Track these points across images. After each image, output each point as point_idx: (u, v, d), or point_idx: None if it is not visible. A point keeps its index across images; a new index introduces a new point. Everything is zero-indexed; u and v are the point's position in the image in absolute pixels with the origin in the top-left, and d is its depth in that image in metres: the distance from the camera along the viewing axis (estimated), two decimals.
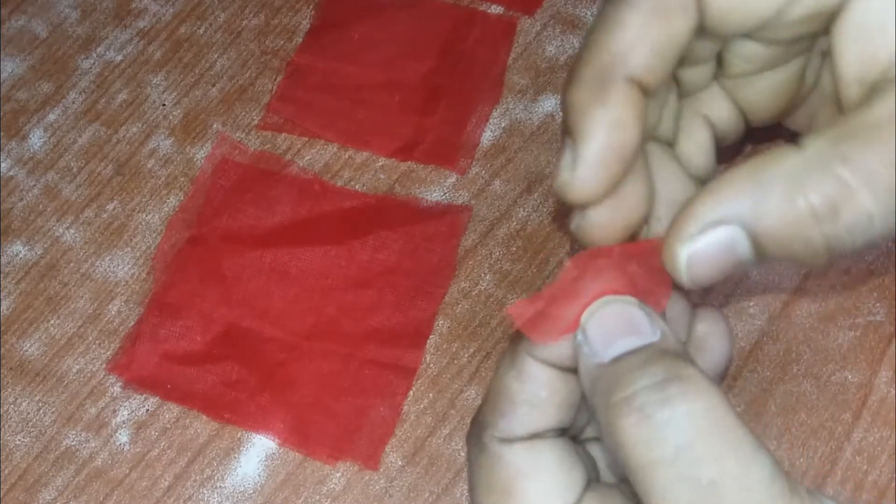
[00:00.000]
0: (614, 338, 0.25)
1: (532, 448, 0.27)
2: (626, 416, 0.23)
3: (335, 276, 0.39)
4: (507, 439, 0.27)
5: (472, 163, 0.41)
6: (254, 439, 0.37)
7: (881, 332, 0.37)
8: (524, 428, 0.27)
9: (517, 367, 0.27)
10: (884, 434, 0.35)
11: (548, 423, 0.27)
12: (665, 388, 0.23)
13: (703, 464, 0.23)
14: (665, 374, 0.24)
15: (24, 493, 0.36)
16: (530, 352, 0.27)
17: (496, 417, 0.27)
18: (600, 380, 0.25)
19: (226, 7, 0.46)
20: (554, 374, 0.27)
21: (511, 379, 0.27)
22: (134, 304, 0.39)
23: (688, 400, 0.23)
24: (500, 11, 0.44)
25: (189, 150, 0.42)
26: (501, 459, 0.26)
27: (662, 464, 0.23)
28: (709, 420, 0.23)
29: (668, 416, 0.23)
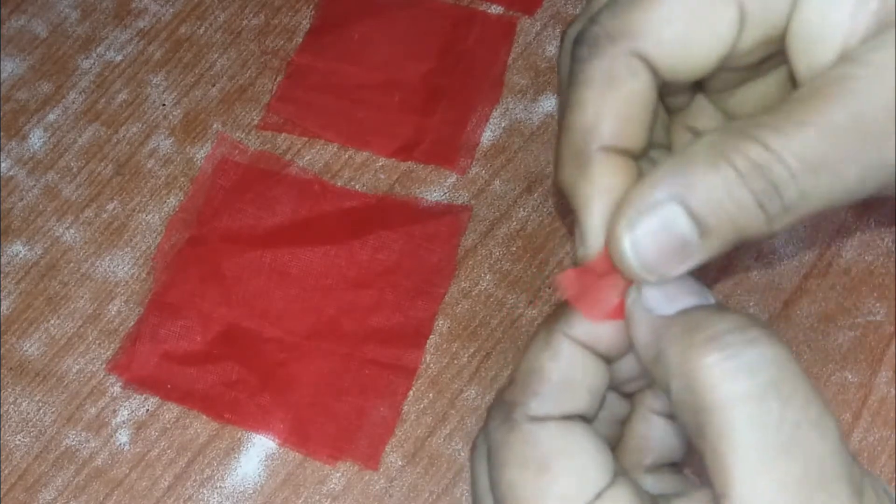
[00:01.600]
0: (674, 298, 0.25)
1: (567, 427, 0.26)
2: (711, 354, 0.23)
3: (335, 276, 0.39)
4: (540, 418, 0.27)
5: (472, 163, 0.41)
6: (254, 439, 0.37)
7: (881, 332, 0.37)
8: (557, 408, 0.27)
9: (553, 347, 0.27)
10: (884, 434, 0.35)
11: (578, 406, 0.27)
12: (749, 331, 0.24)
13: (790, 403, 0.23)
14: (746, 321, 0.24)
15: (24, 493, 0.36)
16: (567, 332, 0.27)
17: (528, 396, 0.27)
18: (671, 327, 0.25)
19: (226, 7, 0.46)
20: (588, 357, 0.27)
21: (546, 358, 0.27)
22: (134, 304, 0.39)
23: (771, 344, 0.24)
24: (500, 11, 0.44)
25: (189, 150, 0.42)
26: (536, 437, 0.26)
27: (748, 400, 0.23)
28: (791, 367, 0.23)
29: (757, 354, 0.23)
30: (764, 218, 0.25)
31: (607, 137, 0.27)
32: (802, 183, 0.24)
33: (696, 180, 0.24)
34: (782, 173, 0.24)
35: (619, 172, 0.27)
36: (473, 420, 0.37)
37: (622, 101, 0.27)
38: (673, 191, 0.25)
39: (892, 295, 0.37)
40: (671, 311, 0.25)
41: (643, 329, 0.26)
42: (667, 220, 0.25)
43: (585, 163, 0.27)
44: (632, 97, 0.27)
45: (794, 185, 0.24)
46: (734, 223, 0.25)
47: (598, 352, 0.27)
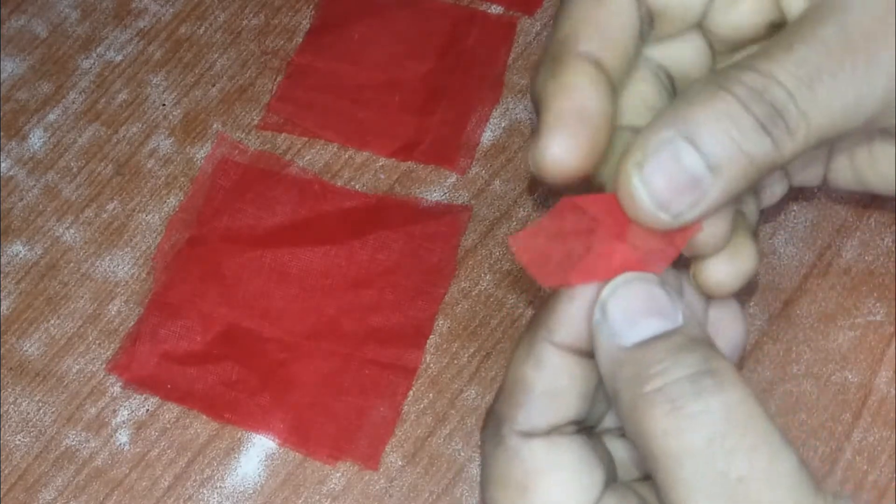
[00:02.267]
0: (637, 319, 0.24)
1: (551, 445, 0.26)
2: (656, 407, 0.23)
3: (335, 276, 0.39)
4: (527, 433, 0.26)
5: (472, 163, 0.41)
6: (254, 439, 0.37)
7: (881, 332, 0.37)
8: (544, 420, 0.26)
9: (535, 356, 0.26)
10: (884, 434, 0.35)
11: (568, 415, 0.26)
12: (699, 381, 0.23)
13: (733, 457, 0.22)
14: (699, 367, 0.23)
15: (24, 493, 0.36)
16: (549, 339, 0.26)
17: (514, 410, 0.26)
18: (624, 365, 0.24)
19: (226, 7, 0.46)
20: (573, 362, 0.26)
21: (529, 368, 0.26)
22: (134, 304, 0.39)
23: (721, 393, 0.23)
24: (500, 11, 0.44)
25: (189, 150, 0.42)
26: (519, 455, 0.26)
27: (691, 455, 0.22)
28: (740, 413, 0.23)
29: (702, 408, 0.23)
30: (770, 142, 0.24)
31: (583, 44, 0.27)
32: (801, 100, 0.24)
33: (698, 114, 0.24)
34: (780, 93, 0.24)
35: (589, 75, 0.27)
36: (473, 420, 0.37)
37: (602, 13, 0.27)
38: (678, 127, 0.24)
39: (892, 295, 0.37)
40: (630, 341, 0.24)
41: (603, 359, 0.25)
42: (673, 154, 0.24)
43: (558, 65, 0.27)
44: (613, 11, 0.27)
45: (792, 103, 0.24)
46: (741, 151, 0.24)
47: (583, 352, 0.26)
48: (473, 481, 0.36)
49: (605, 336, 0.25)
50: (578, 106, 0.26)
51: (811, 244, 0.38)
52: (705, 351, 0.24)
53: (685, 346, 0.24)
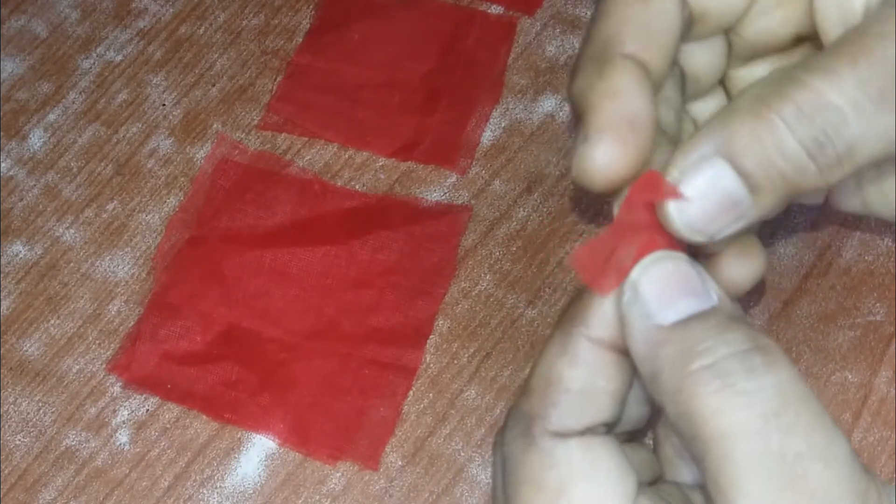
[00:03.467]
0: (672, 299, 0.24)
1: (588, 446, 0.25)
2: (705, 385, 0.22)
3: (335, 276, 0.39)
4: (561, 433, 0.25)
5: (472, 163, 0.41)
6: (254, 439, 0.37)
7: (881, 332, 0.37)
8: (579, 420, 0.25)
9: (570, 352, 0.25)
10: (884, 434, 0.35)
11: (602, 416, 0.25)
12: (749, 358, 0.22)
13: (791, 435, 0.22)
14: (747, 344, 0.23)
15: (24, 493, 0.36)
16: (587, 333, 0.25)
17: (547, 408, 0.25)
18: (666, 345, 0.23)
19: (226, 7, 0.46)
20: (610, 359, 0.25)
21: (564, 365, 0.25)
22: (134, 304, 0.39)
23: (773, 371, 0.22)
24: (500, 11, 0.44)
25: (189, 150, 0.42)
26: (554, 457, 0.25)
27: (746, 434, 0.22)
28: (793, 392, 0.22)
29: (755, 385, 0.22)
30: (816, 170, 0.23)
31: (628, 45, 0.26)
32: (856, 126, 0.23)
33: (740, 133, 0.23)
34: (834, 118, 0.23)
35: (637, 79, 0.25)
36: (473, 420, 0.37)
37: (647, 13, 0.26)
38: (718, 145, 0.23)
39: (892, 295, 0.37)
40: (668, 321, 0.23)
41: (638, 340, 0.24)
42: (713, 177, 0.23)
43: (603, 66, 0.26)
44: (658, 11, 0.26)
45: (847, 130, 0.23)
46: (785, 178, 0.23)
47: (622, 348, 0.25)
48: (473, 481, 0.36)
49: (639, 316, 0.24)
50: (628, 111, 0.25)
51: (811, 244, 0.38)
52: (749, 329, 0.23)
53: (728, 324, 0.23)
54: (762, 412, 0.22)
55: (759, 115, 0.23)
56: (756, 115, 0.23)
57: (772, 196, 0.24)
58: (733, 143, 0.23)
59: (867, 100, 0.23)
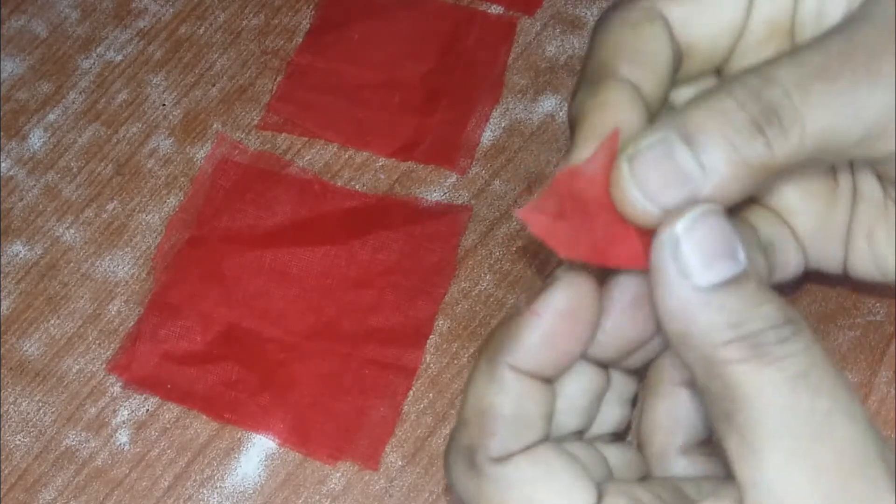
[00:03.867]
0: (711, 260, 0.24)
1: (534, 456, 0.26)
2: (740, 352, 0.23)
3: (335, 276, 0.39)
4: (504, 458, 0.26)
5: (472, 163, 0.41)
6: (254, 439, 0.37)
7: (881, 332, 0.37)
8: (517, 442, 0.26)
9: (498, 381, 0.26)
10: (884, 434, 0.35)
11: (538, 435, 0.26)
12: (780, 331, 0.23)
13: (819, 393, 0.23)
14: (779, 318, 0.24)
15: (24, 493, 0.36)
16: (511, 363, 0.26)
17: (485, 439, 0.26)
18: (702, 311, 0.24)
19: (226, 7, 0.46)
20: (536, 386, 0.26)
21: (493, 395, 0.26)
22: (134, 304, 0.39)
23: (801, 337, 0.24)
24: (500, 11, 0.44)
25: (189, 150, 0.42)
26: (508, 478, 0.25)
27: (777, 394, 0.23)
28: (819, 357, 0.24)
29: (786, 352, 0.23)
30: (764, 142, 0.24)
31: (622, 69, 0.27)
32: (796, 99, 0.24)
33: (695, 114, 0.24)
34: (776, 91, 0.24)
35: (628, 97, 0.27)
36: None
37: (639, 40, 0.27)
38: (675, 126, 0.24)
39: (892, 295, 0.37)
40: (705, 282, 0.24)
41: (674, 299, 0.24)
42: (667, 152, 0.24)
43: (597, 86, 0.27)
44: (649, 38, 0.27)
45: (788, 101, 0.24)
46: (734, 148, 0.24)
47: (543, 377, 0.26)
48: None
49: (676, 275, 0.24)
50: (614, 122, 0.26)
51: None
52: (779, 301, 0.24)
53: (761, 294, 0.24)
54: (793, 374, 0.23)
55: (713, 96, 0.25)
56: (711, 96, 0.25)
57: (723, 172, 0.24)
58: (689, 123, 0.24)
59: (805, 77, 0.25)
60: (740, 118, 0.24)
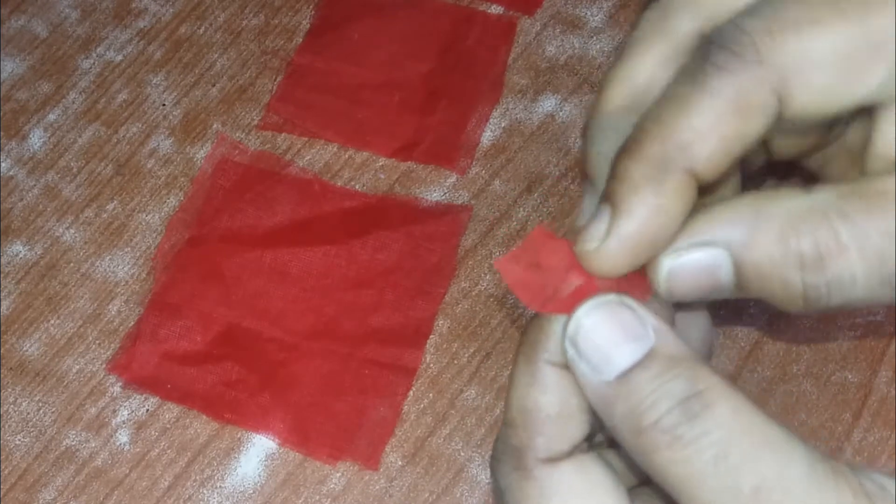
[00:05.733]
0: (612, 351, 0.24)
1: (580, 466, 0.26)
2: (656, 440, 0.23)
3: (335, 276, 0.39)
4: (552, 459, 0.26)
5: (472, 163, 0.41)
6: (254, 439, 0.37)
7: (881, 332, 0.37)
8: (566, 442, 0.26)
9: (539, 381, 0.26)
10: (884, 434, 0.35)
11: (584, 431, 0.26)
12: (689, 407, 0.23)
13: (742, 471, 0.22)
14: (685, 392, 0.23)
15: (24, 493, 0.36)
16: (550, 360, 0.26)
17: (533, 438, 0.26)
18: (615, 402, 0.24)
19: (226, 7, 0.46)
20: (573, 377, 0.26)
21: (537, 394, 0.26)
22: (134, 304, 0.39)
23: (713, 412, 0.23)
24: (500, 11, 0.44)
25: (189, 150, 0.42)
26: (552, 484, 0.25)
27: (702, 478, 0.23)
28: (737, 425, 0.23)
29: (699, 432, 0.23)
30: (801, 305, 0.24)
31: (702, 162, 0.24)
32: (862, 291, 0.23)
33: (759, 241, 0.24)
34: (844, 277, 0.23)
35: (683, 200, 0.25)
36: (473, 420, 0.37)
37: (737, 133, 0.24)
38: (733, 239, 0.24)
39: None
40: (612, 375, 0.24)
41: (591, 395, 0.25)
42: (712, 265, 0.24)
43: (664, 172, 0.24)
44: (747, 134, 0.24)
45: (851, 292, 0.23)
46: (771, 294, 0.24)
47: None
48: (473, 481, 0.36)
49: (585, 372, 0.25)
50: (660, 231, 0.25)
51: None
52: (687, 372, 0.24)
53: (666, 371, 0.24)
54: (712, 456, 0.23)
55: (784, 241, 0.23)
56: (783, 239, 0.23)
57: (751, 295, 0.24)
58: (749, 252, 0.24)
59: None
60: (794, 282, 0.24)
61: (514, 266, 0.26)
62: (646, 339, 0.24)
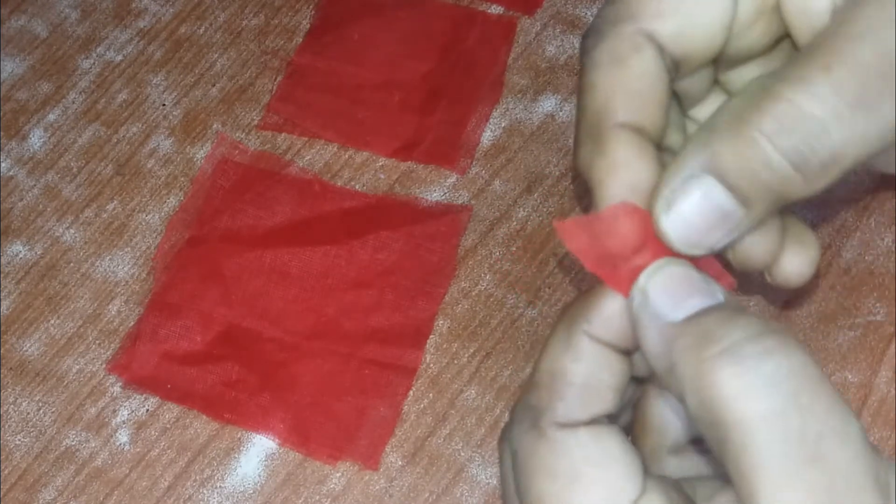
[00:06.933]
0: (681, 299, 0.24)
1: (597, 434, 0.26)
2: (726, 368, 0.22)
3: (335, 276, 0.39)
4: (569, 425, 0.26)
5: (472, 163, 0.41)
6: (254, 439, 0.37)
7: (881, 332, 0.37)
8: (585, 411, 0.26)
9: (574, 348, 0.26)
10: (884, 434, 0.35)
11: (606, 407, 0.26)
12: (764, 340, 0.23)
13: (810, 415, 0.22)
14: (760, 328, 0.23)
15: (24, 493, 0.36)
16: (588, 332, 0.26)
17: (554, 401, 0.26)
18: (680, 337, 0.24)
19: (226, 7, 0.46)
20: (612, 357, 0.26)
21: (568, 360, 0.26)
22: (134, 304, 0.39)
23: (788, 353, 0.23)
24: (500, 11, 0.44)
25: (189, 150, 0.42)
26: (565, 445, 0.25)
27: (766, 416, 0.22)
28: (808, 373, 0.23)
29: (774, 367, 0.22)
30: (802, 179, 0.24)
31: (621, 114, 0.26)
32: (837, 134, 0.23)
33: (725, 151, 0.24)
34: (814, 129, 0.23)
35: (637, 148, 0.26)
36: (473, 420, 0.37)
37: (631, 78, 0.27)
38: (703, 161, 0.24)
39: (892, 295, 0.37)
40: (679, 317, 0.24)
41: (653, 337, 0.25)
42: (705, 194, 0.24)
43: (600, 140, 0.27)
44: (641, 73, 0.27)
45: (828, 139, 0.23)
46: (772, 189, 0.24)
47: (621, 347, 0.26)
48: (473, 481, 0.36)
49: (651, 317, 0.25)
50: (630, 184, 0.26)
51: None
52: (758, 317, 0.24)
53: (737, 314, 0.24)
54: (782, 395, 0.22)
55: (739, 133, 0.24)
56: (737, 132, 0.24)
57: (762, 206, 0.25)
58: (719, 161, 0.24)
59: (845, 106, 0.23)
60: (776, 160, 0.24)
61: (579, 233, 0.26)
62: (714, 296, 0.24)
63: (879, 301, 0.37)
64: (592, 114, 0.27)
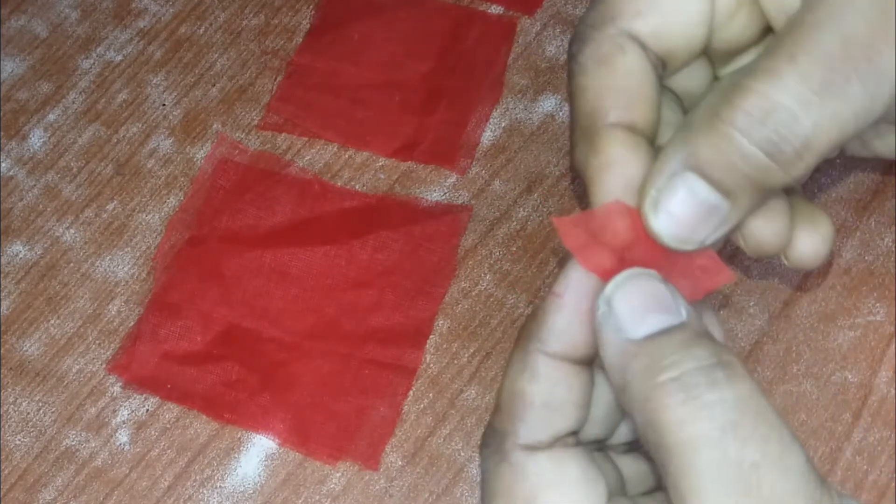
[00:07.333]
0: (643, 314, 0.25)
1: (556, 458, 0.26)
2: (671, 396, 0.23)
3: (335, 276, 0.39)
4: (531, 447, 0.26)
5: (472, 163, 0.41)
6: (254, 439, 0.37)
7: (881, 332, 0.37)
8: (546, 432, 0.26)
9: (530, 368, 0.26)
10: (884, 434, 0.35)
11: (568, 424, 0.27)
12: (712, 373, 0.23)
13: (747, 445, 0.23)
14: (710, 359, 0.24)
15: (24, 493, 0.36)
16: (542, 349, 0.26)
17: (515, 424, 0.26)
18: (636, 357, 0.24)
19: (226, 7, 0.46)
20: (568, 371, 0.26)
21: (525, 381, 0.26)
22: (134, 304, 0.39)
23: (733, 385, 0.23)
24: (500, 11, 0.44)
25: (189, 150, 0.42)
26: (525, 470, 0.26)
27: (706, 443, 0.23)
28: (751, 405, 0.23)
29: (717, 398, 0.23)
30: (778, 167, 0.24)
31: (611, 114, 0.27)
32: (807, 120, 0.24)
33: (702, 147, 0.25)
34: (784, 117, 0.24)
35: (628, 145, 0.27)
36: (473, 420, 0.37)
37: (618, 78, 0.27)
38: (685, 160, 0.25)
39: (892, 295, 0.37)
40: (639, 334, 0.24)
41: (612, 352, 0.25)
42: (688, 189, 0.25)
43: (593, 140, 0.27)
44: (627, 72, 0.27)
45: (798, 126, 0.24)
46: (752, 180, 0.24)
47: (577, 359, 0.27)
48: (473, 481, 0.36)
49: (612, 330, 0.25)
50: (623, 181, 0.27)
51: None
52: (714, 345, 0.24)
53: (694, 340, 0.24)
54: (721, 423, 0.23)
55: (714, 127, 0.24)
56: (711, 126, 0.25)
57: (745, 197, 0.25)
58: (698, 157, 0.25)
59: (812, 93, 0.24)
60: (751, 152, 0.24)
61: (576, 230, 0.26)
62: (677, 314, 0.25)
63: (879, 301, 0.37)
64: (584, 116, 0.28)
